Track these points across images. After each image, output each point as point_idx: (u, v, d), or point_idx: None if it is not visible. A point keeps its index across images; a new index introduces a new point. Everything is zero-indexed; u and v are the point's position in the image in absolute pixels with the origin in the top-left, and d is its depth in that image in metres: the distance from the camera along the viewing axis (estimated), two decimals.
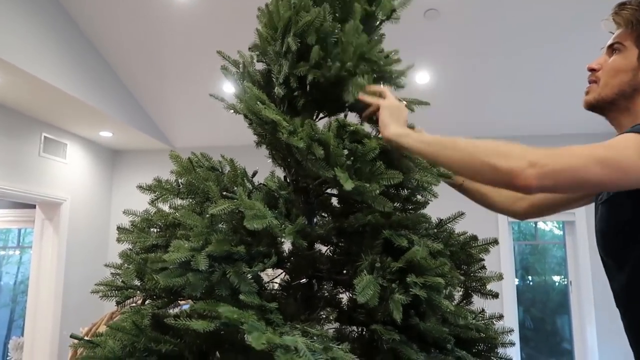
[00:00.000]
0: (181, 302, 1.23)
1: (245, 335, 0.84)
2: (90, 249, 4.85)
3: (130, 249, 1.29)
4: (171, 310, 1.17)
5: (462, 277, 1.04)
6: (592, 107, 1.11)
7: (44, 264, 4.42)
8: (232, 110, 1.29)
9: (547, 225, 5.76)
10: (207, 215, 1.04)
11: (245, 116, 1.26)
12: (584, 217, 4.60)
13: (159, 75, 4.35)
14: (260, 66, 1.46)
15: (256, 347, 0.80)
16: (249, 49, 1.46)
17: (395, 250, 1.08)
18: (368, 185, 1.04)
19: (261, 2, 1.51)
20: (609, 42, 1.10)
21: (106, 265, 1.28)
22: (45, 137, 4.31)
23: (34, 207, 4.56)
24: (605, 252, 1.08)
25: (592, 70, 1.11)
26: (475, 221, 1.58)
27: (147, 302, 1.16)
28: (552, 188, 0.90)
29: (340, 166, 1.05)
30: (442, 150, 1.00)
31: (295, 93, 1.31)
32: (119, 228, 1.34)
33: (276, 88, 1.31)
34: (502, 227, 4.74)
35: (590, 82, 1.12)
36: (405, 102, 1.19)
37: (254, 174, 1.26)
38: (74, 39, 3.72)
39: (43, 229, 4.50)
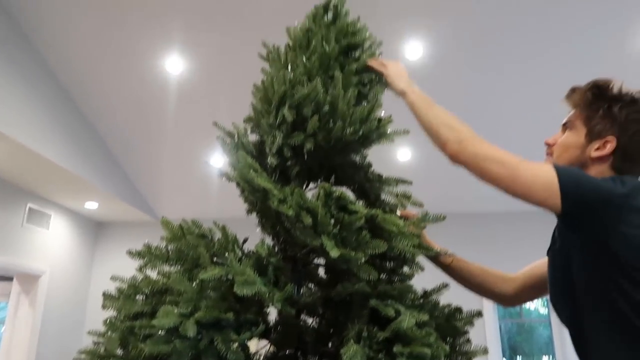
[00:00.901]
0: None
1: None
2: (66, 324, 4.66)
3: (114, 317, 1.27)
4: None
5: (447, 348, 1.04)
6: None
7: (16, 340, 4.22)
8: (225, 178, 1.33)
9: (532, 303, 5.74)
10: (197, 281, 1.04)
11: (238, 184, 1.30)
12: None
13: (149, 147, 4.44)
14: (253, 138, 1.54)
15: None
16: (244, 121, 1.54)
17: (381, 320, 1.09)
18: (353, 253, 1.07)
19: (253, 77, 1.62)
20: (563, 120, 1.22)
21: (89, 333, 1.25)
22: (30, 207, 4.28)
23: (11, 279, 4.43)
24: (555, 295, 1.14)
25: (548, 144, 1.23)
26: (459, 296, 1.58)
27: None
28: (464, 165, 1.11)
29: (327, 234, 1.08)
30: (421, 109, 1.26)
31: (288, 162, 1.37)
32: (104, 294, 1.33)
33: (269, 158, 1.38)
34: (486, 304, 4.70)
35: (547, 155, 1.23)
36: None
37: (244, 241, 1.28)
38: (64, 109, 3.81)
39: (18, 304, 4.34)
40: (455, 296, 1.52)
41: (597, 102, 1.14)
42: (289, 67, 1.48)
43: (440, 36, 3.53)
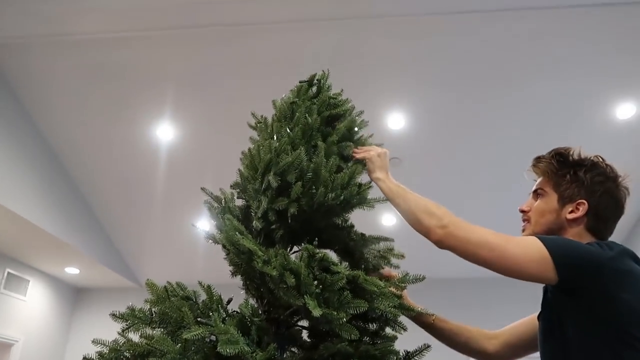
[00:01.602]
0: None
1: None
2: None
3: None
4: None
5: None
6: None
7: None
8: (212, 241, 1.37)
9: None
10: (181, 342, 1.05)
11: (224, 246, 1.34)
12: None
13: (134, 213, 4.46)
14: (239, 203, 1.59)
15: None
16: (231, 186, 1.60)
17: None
18: (335, 313, 1.10)
19: (239, 146, 1.70)
20: (533, 188, 1.30)
21: None
22: (8, 272, 4.20)
23: None
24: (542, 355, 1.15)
25: (522, 211, 1.30)
26: (443, 356, 1.59)
27: None
28: (452, 249, 1.14)
29: (309, 294, 1.12)
30: (397, 199, 1.31)
31: (273, 226, 1.42)
32: (85, 358, 1.32)
33: (254, 222, 1.42)
34: None
35: (523, 221, 1.30)
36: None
37: (229, 301, 1.30)
38: (51, 172, 3.86)
39: None
40: (438, 358, 1.53)
41: (563, 169, 1.24)
42: (275, 137, 1.56)
43: (420, 108, 3.73)
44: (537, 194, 1.28)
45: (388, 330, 1.36)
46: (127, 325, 1.35)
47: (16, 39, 3.13)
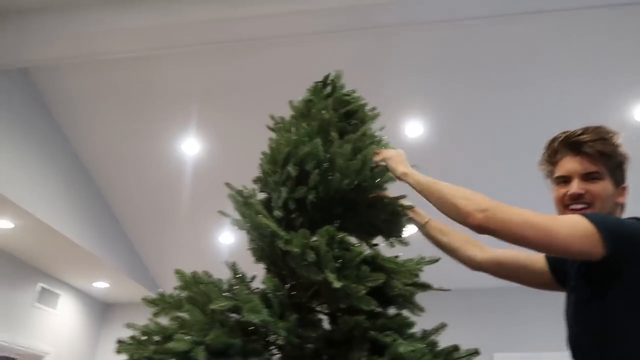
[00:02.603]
0: None
1: None
2: None
3: None
4: None
5: None
6: None
7: None
8: (237, 227, 1.45)
9: None
10: (208, 312, 1.12)
11: (247, 232, 1.42)
12: None
13: (161, 227, 4.58)
14: (261, 196, 1.67)
15: None
16: (252, 181, 1.69)
17: (382, 352, 1.15)
18: (354, 285, 1.15)
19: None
20: (584, 170, 1.22)
21: None
22: (41, 287, 4.34)
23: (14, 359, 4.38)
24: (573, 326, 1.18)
25: (578, 195, 1.21)
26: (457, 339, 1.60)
27: None
28: (493, 233, 1.10)
29: (329, 269, 1.18)
30: (428, 189, 1.31)
31: (293, 215, 1.49)
32: (119, 341, 1.40)
33: (275, 211, 1.50)
34: None
35: (580, 205, 1.22)
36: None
37: (253, 278, 1.37)
38: (83, 188, 4.02)
39: None
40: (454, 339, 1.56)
41: (616, 153, 1.23)
42: (292, 131, 1.65)
43: (437, 115, 3.78)
44: (592, 177, 1.21)
45: (406, 313, 1.42)
46: (157, 310, 1.43)
47: (50, 61, 3.32)
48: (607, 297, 1.08)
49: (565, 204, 1.24)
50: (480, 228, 1.10)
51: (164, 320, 1.41)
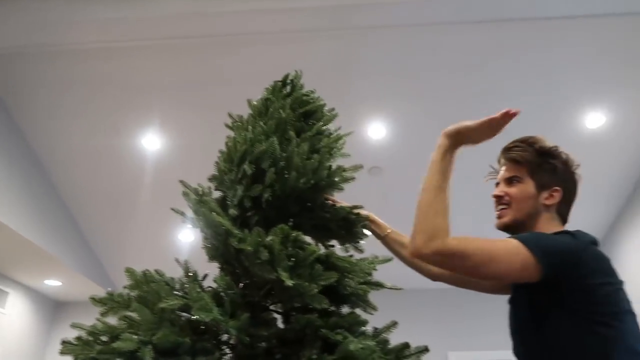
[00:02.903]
0: None
1: None
2: None
3: None
4: None
5: None
6: (507, 227, 1.33)
7: None
8: (191, 225, 1.43)
9: None
10: (157, 311, 1.10)
11: (201, 230, 1.40)
12: None
13: (119, 225, 4.46)
14: (216, 194, 1.66)
15: None
16: (208, 179, 1.67)
17: (333, 350, 1.16)
18: (307, 284, 1.16)
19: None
20: (505, 175, 1.36)
21: None
22: None
23: None
24: (518, 343, 1.21)
25: (498, 197, 1.36)
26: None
27: None
28: (436, 265, 1.17)
29: (282, 268, 1.18)
30: (426, 182, 1.31)
31: (248, 213, 1.48)
32: (63, 342, 1.36)
33: (230, 209, 1.49)
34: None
35: (500, 205, 1.35)
36: None
37: (204, 277, 1.35)
38: (35, 181, 3.85)
39: None
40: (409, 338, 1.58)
41: (538, 157, 1.32)
42: (249, 130, 1.64)
43: (401, 118, 3.84)
44: (511, 180, 1.33)
45: (359, 311, 1.43)
46: (105, 309, 1.40)
47: (3, 49, 3.18)
48: (547, 316, 1.12)
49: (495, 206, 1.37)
50: (418, 256, 1.15)
51: (112, 320, 1.37)
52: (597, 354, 1.04)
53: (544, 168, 1.31)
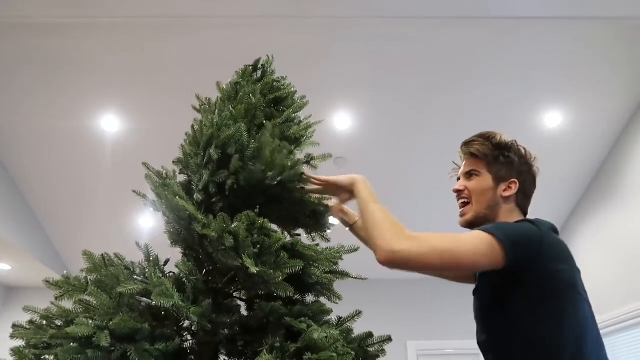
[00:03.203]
0: None
1: None
2: None
3: (23, 346, 1.24)
4: None
5: (353, 353, 1.11)
6: (470, 224, 1.35)
7: None
8: (152, 209, 1.38)
9: None
10: (115, 296, 1.07)
11: (164, 214, 1.36)
12: None
13: (75, 209, 4.31)
14: (181, 178, 1.61)
15: None
16: (173, 162, 1.62)
17: (296, 337, 1.15)
18: (272, 271, 1.14)
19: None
20: (464, 170, 1.39)
21: None
22: None
23: None
24: (480, 331, 1.23)
25: (458, 191, 1.38)
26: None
27: None
28: (403, 268, 1.11)
29: (247, 255, 1.16)
30: (364, 211, 1.26)
31: (214, 199, 1.45)
32: (14, 325, 1.29)
33: (195, 194, 1.45)
34: (411, 353, 4.81)
35: (461, 200, 1.38)
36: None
37: (166, 262, 1.32)
38: None
39: None
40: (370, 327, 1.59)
41: (495, 151, 1.35)
42: (217, 113, 1.60)
43: (366, 109, 3.85)
44: (470, 174, 1.36)
45: (323, 300, 1.43)
46: (60, 292, 1.34)
47: None
48: (510, 304, 1.14)
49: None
50: (387, 265, 1.11)
51: (68, 305, 1.32)
52: (555, 337, 1.08)
53: (500, 161, 1.34)
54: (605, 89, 3.74)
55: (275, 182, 1.42)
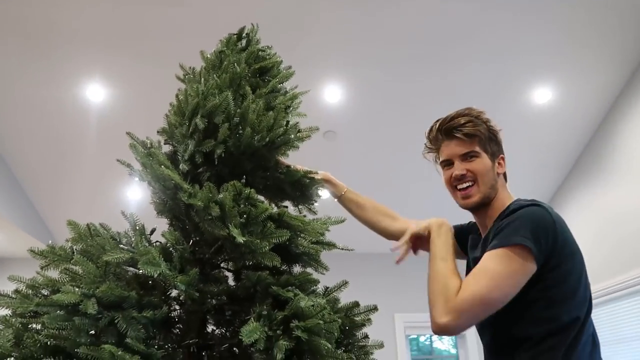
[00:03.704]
0: None
1: None
2: None
3: (9, 316, 1.23)
4: None
5: (340, 321, 1.13)
6: (478, 205, 1.31)
7: None
8: (138, 178, 1.37)
9: (444, 343, 5.98)
10: (101, 265, 1.06)
11: (149, 184, 1.35)
12: (474, 331, 4.87)
13: (62, 179, 4.26)
14: (166, 149, 1.59)
15: None
16: (157, 132, 1.60)
17: (283, 306, 1.17)
18: (258, 241, 1.14)
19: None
20: (460, 152, 1.31)
21: None
22: None
23: None
24: None
25: (462, 176, 1.30)
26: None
27: None
28: (461, 329, 1.11)
29: (234, 225, 1.16)
30: (431, 265, 1.25)
31: (200, 169, 1.44)
32: None
33: (181, 165, 1.44)
34: (400, 343, 4.87)
35: (466, 183, 1.31)
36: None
37: (152, 231, 1.31)
38: None
39: None
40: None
41: (486, 130, 1.32)
42: (202, 83, 1.57)
43: (356, 82, 3.82)
44: (468, 156, 1.30)
45: (310, 272, 1.44)
46: (46, 262, 1.33)
47: None
48: (524, 295, 1.12)
49: (453, 185, 1.33)
50: (446, 333, 1.13)
51: (54, 275, 1.32)
52: (559, 323, 1.10)
53: (491, 138, 1.33)
54: (594, 64, 3.74)
55: (264, 144, 1.40)
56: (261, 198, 1.42)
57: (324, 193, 1.68)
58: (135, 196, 4.37)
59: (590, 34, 3.52)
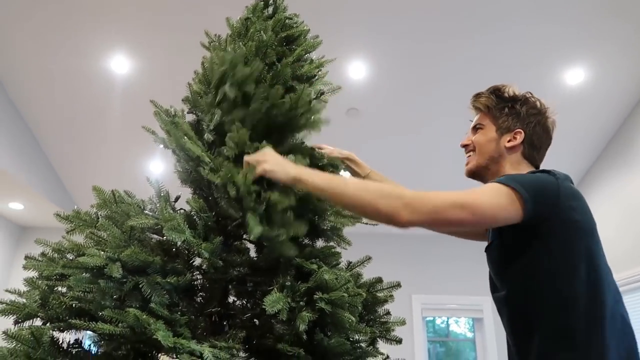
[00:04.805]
0: None
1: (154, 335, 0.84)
2: None
3: (36, 277, 1.25)
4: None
5: (364, 294, 1.11)
6: (473, 173, 1.36)
7: None
8: (163, 146, 1.36)
9: (460, 327, 5.96)
10: (126, 230, 1.06)
11: (174, 152, 1.33)
12: (491, 315, 4.85)
13: (87, 151, 4.31)
14: (190, 118, 1.57)
15: (164, 344, 0.81)
16: (182, 101, 1.58)
17: (307, 279, 1.15)
18: (275, 233, 1.09)
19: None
20: (472, 124, 1.39)
21: (7, 291, 1.22)
22: None
23: None
24: (496, 286, 1.22)
25: (464, 146, 1.39)
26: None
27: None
28: (423, 225, 1.07)
29: (252, 211, 1.09)
30: (332, 190, 1.11)
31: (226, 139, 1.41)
32: (27, 257, 1.31)
33: (206, 134, 1.42)
34: (416, 324, 4.87)
35: (467, 153, 1.38)
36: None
37: (177, 199, 1.31)
38: None
39: None
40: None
41: (500, 103, 1.33)
42: (231, 50, 1.54)
43: (382, 58, 3.74)
44: (476, 128, 1.37)
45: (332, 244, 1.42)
46: (71, 227, 1.34)
47: None
48: (528, 257, 1.11)
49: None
50: (410, 225, 1.05)
51: (80, 240, 1.33)
52: (571, 289, 1.06)
53: (505, 113, 1.32)
54: (629, 46, 3.59)
55: (301, 115, 1.37)
56: None
57: (347, 173, 1.65)
58: (158, 169, 4.40)
59: (628, 14, 3.36)
